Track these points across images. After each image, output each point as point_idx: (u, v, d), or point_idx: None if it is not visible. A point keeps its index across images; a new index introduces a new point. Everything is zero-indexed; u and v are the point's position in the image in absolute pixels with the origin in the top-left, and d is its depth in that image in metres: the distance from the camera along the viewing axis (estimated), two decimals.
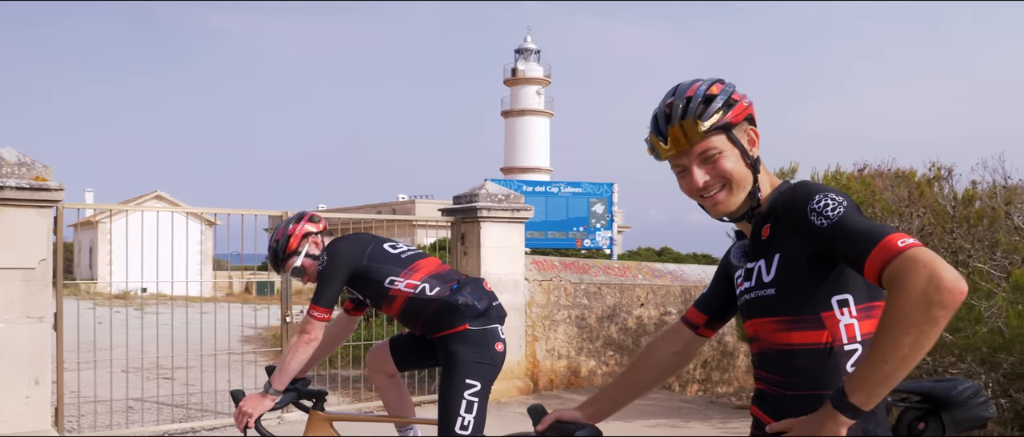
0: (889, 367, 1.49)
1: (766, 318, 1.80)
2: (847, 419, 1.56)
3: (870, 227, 1.61)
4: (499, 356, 3.23)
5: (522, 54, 47.79)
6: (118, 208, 9.03)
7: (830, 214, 1.67)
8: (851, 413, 1.55)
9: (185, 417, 7.37)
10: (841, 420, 1.56)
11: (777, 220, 1.81)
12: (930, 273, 1.46)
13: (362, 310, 3.69)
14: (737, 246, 1.99)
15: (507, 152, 47.46)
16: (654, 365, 2.24)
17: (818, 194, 1.71)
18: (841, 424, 1.56)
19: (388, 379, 3.60)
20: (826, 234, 1.66)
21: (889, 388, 1.53)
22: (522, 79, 47.21)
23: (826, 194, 1.71)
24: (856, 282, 1.71)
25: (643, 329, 9.82)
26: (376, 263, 3.38)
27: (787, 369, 1.75)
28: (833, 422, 1.56)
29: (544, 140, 47.34)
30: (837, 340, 1.70)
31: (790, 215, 1.77)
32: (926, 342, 1.48)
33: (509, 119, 47.55)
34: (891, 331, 1.49)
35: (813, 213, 1.69)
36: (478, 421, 3.13)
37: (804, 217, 1.71)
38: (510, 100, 47.73)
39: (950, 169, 7.04)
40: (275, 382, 3.23)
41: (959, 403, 1.85)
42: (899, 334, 1.48)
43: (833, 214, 1.66)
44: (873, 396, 1.53)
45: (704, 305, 2.18)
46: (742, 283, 1.91)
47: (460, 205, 8.52)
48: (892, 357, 1.49)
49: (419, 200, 37.96)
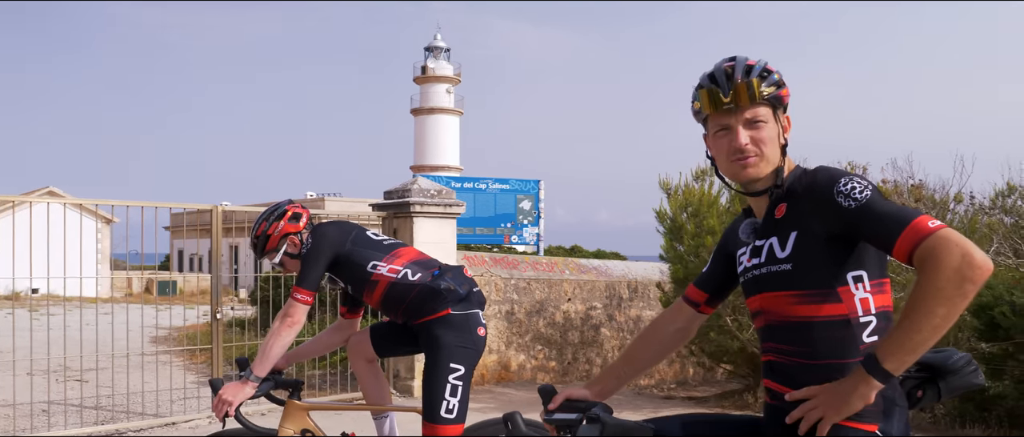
0: (922, 336, 1.63)
1: (780, 292, 1.90)
2: (878, 383, 1.69)
3: (898, 209, 1.74)
4: (481, 340, 3.28)
5: (432, 52, 47.59)
6: (3, 198, 8.57)
7: (858, 196, 1.78)
8: (882, 377, 1.68)
9: (110, 419, 7.08)
10: (873, 384, 1.69)
11: (796, 200, 1.92)
12: (963, 252, 1.61)
13: (358, 312, 3.67)
14: (746, 223, 2.09)
15: (417, 150, 47.20)
16: (656, 342, 2.34)
17: (844, 178, 1.84)
18: (872, 388, 1.69)
19: (368, 365, 3.60)
20: (853, 215, 1.78)
21: (918, 355, 1.67)
22: (432, 77, 47.02)
23: (852, 178, 1.83)
24: (870, 260, 1.85)
25: (570, 323, 10.00)
26: (359, 248, 3.39)
27: (805, 340, 1.86)
28: (865, 386, 1.69)
29: (454, 138, 47.30)
30: (853, 313, 1.82)
31: (812, 196, 1.87)
32: (956, 314, 1.63)
33: (419, 117, 47.30)
34: (926, 303, 1.62)
35: (840, 195, 1.80)
36: (462, 404, 3.17)
37: (830, 198, 1.82)
38: (420, 98, 47.48)
39: (864, 168, 7.47)
40: (256, 368, 3.18)
41: (954, 371, 2.04)
42: (934, 306, 1.62)
43: (861, 196, 1.78)
44: (904, 362, 1.66)
45: (704, 283, 2.28)
46: (750, 259, 2.02)
47: (392, 200, 8.48)
48: (926, 326, 1.63)
49: (329, 197, 37.33)
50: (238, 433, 3.30)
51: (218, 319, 7.36)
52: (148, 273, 29.91)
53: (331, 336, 3.75)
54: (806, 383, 1.84)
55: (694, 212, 7.84)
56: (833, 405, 1.75)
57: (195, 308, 17.75)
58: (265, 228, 3.46)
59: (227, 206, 7.76)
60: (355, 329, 3.67)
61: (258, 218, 3.53)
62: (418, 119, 47.33)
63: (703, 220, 7.54)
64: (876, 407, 1.78)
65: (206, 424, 6.90)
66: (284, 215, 3.47)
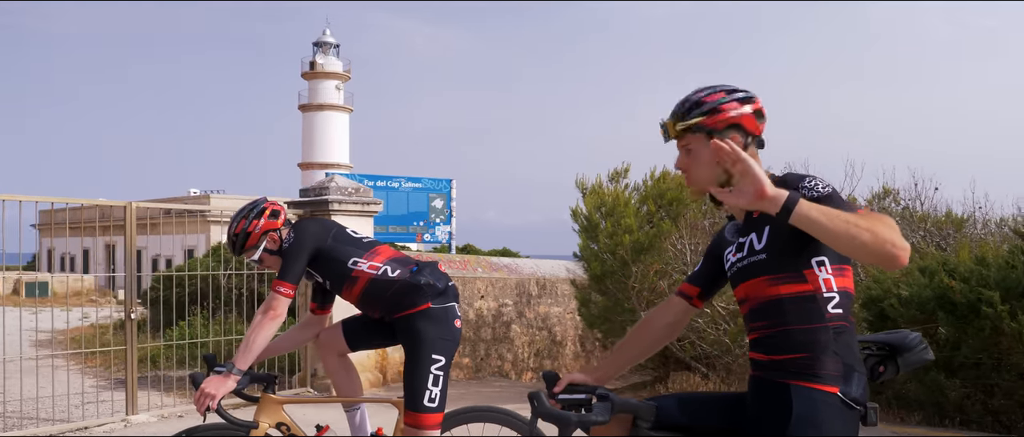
0: (835, 225, 1.92)
1: (758, 278, 2.19)
2: (780, 206, 1.94)
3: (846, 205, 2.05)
4: (458, 332, 3.41)
5: (321, 47, 46.74)
6: None
7: (820, 191, 2.09)
8: (784, 209, 1.94)
9: (16, 425, 6.74)
10: (779, 203, 1.95)
11: None
12: (895, 230, 1.94)
13: (327, 308, 3.71)
14: (730, 225, 2.41)
15: (305, 147, 46.23)
16: (649, 334, 2.58)
17: (809, 177, 2.16)
18: (776, 206, 1.95)
19: (339, 359, 3.65)
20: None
21: (819, 230, 1.93)
22: (321, 73, 46.20)
23: (815, 177, 2.15)
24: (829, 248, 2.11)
25: (482, 320, 10.19)
26: (340, 244, 3.45)
27: (780, 312, 2.14)
28: (773, 199, 1.95)
29: (343, 136, 46.62)
30: (818, 290, 2.11)
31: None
32: (863, 251, 1.92)
33: (307, 113, 46.36)
34: (863, 223, 1.91)
35: (804, 189, 2.11)
36: (442, 394, 3.30)
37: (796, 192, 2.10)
38: (308, 94, 46.53)
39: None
40: (238, 361, 3.19)
41: (909, 348, 2.38)
42: (862, 232, 1.91)
43: (822, 191, 2.09)
44: (809, 219, 1.93)
45: (696, 279, 2.55)
46: (734, 255, 2.30)
47: (309, 197, 8.43)
48: (844, 228, 1.91)
49: (214, 194, 36.06)
50: (213, 429, 3.30)
51: (132, 319, 7.13)
52: (12, 275, 28.09)
53: (300, 333, 3.78)
54: (783, 348, 2.12)
55: (609, 212, 8.18)
56: (753, 184, 1.97)
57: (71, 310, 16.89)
58: (244, 226, 3.46)
59: (141, 203, 7.51)
60: (324, 325, 3.72)
61: (235, 216, 3.52)
62: (306, 115, 46.38)
63: (620, 219, 7.88)
64: (837, 372, 2.07)
65: (121, 427, 6.68)
66: (263, 213, 3.48)
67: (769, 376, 2.15)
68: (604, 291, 8.37)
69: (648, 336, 2.57)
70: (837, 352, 2.08)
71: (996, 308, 5.81)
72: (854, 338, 2.15)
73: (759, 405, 2.16)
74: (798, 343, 2.09)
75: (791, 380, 2.08)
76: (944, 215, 9.28)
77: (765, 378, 2.16)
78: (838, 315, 2.11)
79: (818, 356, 2.08)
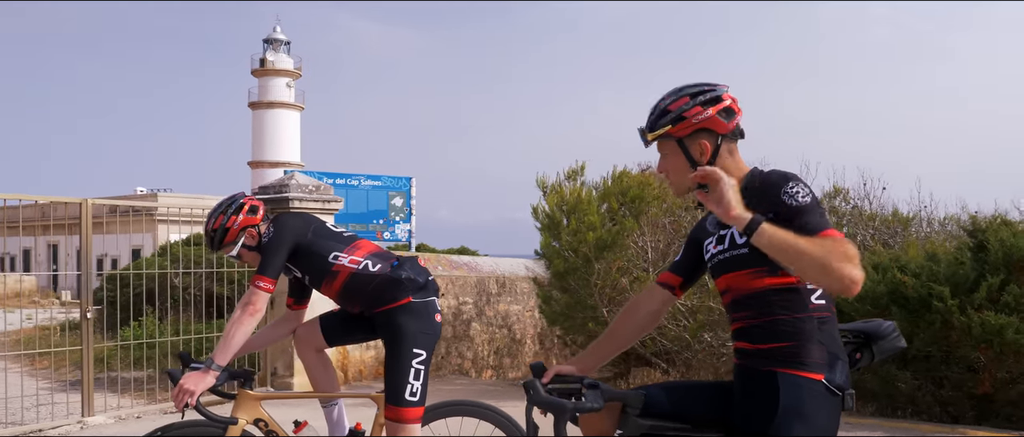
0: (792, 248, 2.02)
1: (741, 271, 2.26)
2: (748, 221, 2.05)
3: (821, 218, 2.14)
4: (438, 327, 3.43)
5: (271, 44, 46.10)
6: None
7: (799, 200, 2.16)
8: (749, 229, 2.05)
9: None
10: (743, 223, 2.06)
11: (751, 196, 2.24)
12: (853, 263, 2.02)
13: (304, 303, 3.69)
14: (713, 216, 2.45)
15: (255, 145, 45.53)
16: (632, 323, 2.64)
17: (792, 181, 2.20)
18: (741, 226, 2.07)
19: (316, 355, 3.63)
20: (791, 212, 2.14)
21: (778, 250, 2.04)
22: (271, 70, 45.56)
23: (799, 182, 2.20)
24: None
25: (442, 319, 10.19)
26: (320, 239, 3.44)
27: (763, 304, 2.21)
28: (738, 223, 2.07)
29: (294, 134, 46.04)
30: (801, 281, 2.19)
31: (765, 192, 2.23)
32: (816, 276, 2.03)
33: (257, 111, 45.66)
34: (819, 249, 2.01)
35: (785, 194, 2.17)
36: (424, 387, 3.30)
37: (777, 195, 2.18)
38: (258, 91, 45.84)
39: None
40: (218, 356, 3.15)
41: (883, 336, 2.49)
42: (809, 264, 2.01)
43: (801, 200, 2.15)
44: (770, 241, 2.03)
45: (677, 269, 2.61)
46: (715, 247, 2.37)
47: (269, 195, 8.34)
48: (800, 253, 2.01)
49: (161, 193, 35.30)
50: (188, 426, 3.27)
51: (87, 319, 6.98)
52: None
53: (277, 328, 3.75)
54: (767, 338, 2.20)
55: (572, 209, 8.26)
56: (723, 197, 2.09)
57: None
58: (223, 221, 3.43)
59: (97, 200, 7.35)
60: (301, 321, 3.70)
61: (213, 211, 3.49)
62: (256, 113, 45.69)
63: (583, 216, 7.96)
64: (822, 359, 2.15)
65: (77, 429, 6.53)
66: (242, 208, 3.45)
67: (756, 364, 2.21)
68: (566, 288, 8.44)
69: (631, 324, 2.62)
70: (822, 341, 2.16)
71: (946, 303, 6.03)
72: (837, 327, 2.24)
73: (746, 393, 2.23)
74: (784, 332, 2.17)
75: (778, 368, 2.16)
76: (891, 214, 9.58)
77: (751, 366, 2.23)
78: (821, 306, 2.19)
79: (804, 344, 2.15)
